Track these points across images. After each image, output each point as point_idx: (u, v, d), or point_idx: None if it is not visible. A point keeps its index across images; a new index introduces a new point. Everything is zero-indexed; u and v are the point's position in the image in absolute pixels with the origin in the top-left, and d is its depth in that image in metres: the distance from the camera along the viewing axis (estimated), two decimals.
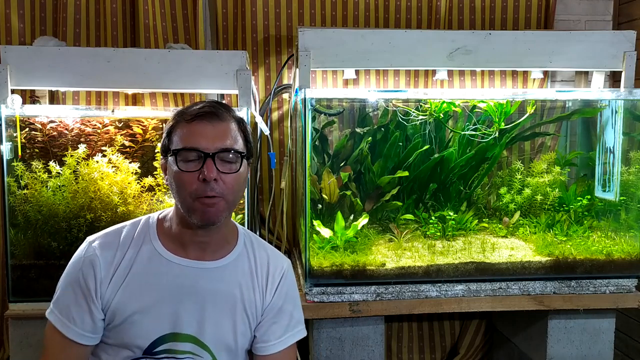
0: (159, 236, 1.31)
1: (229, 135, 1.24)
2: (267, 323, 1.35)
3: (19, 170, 2.05)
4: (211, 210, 1.22)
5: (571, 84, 2.82)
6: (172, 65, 2.08)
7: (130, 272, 1.26)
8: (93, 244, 1.29)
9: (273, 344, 1.34)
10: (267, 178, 2.72)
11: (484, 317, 2.95)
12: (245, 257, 1.36)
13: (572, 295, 2.22)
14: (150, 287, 1.26)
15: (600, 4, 2.93)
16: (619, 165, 2.36)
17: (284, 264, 1.41)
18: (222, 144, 1.22)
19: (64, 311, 1.26)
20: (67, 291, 1.27)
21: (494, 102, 2.38)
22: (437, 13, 2.74)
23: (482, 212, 2.55)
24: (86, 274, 1.25)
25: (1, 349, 2.57)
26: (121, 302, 1.24)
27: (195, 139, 1.21)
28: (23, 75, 2.03)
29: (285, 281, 1.38)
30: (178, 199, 1.24)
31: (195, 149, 1.20)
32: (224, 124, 1.24)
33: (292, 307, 1.39)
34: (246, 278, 1.33)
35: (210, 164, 1.19)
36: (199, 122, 1.22)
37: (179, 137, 1.23)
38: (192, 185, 1.20)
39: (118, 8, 2.56)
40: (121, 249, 1.28)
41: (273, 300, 1.35)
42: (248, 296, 1.32)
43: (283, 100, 2.75)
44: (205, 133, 1.21)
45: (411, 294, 2.18)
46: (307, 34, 2.16)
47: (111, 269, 1.26)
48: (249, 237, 1.41)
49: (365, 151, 2.44)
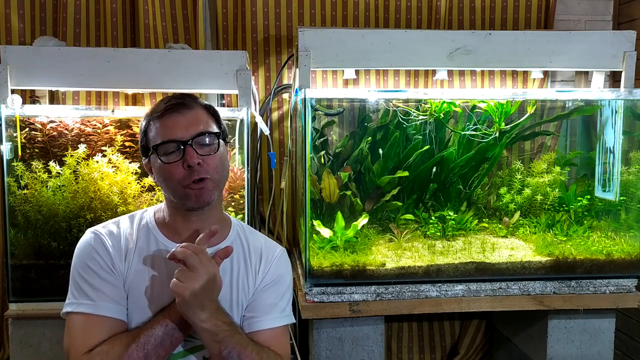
0: (159, 227, 1.34)
1: (200, 121, 1.29)
2: (255, 298, 1.35)
3: (19, 170, 2.05)
4: (203, 192, 1.26)
5: (571, 84, 2.82)
6: (172, 65, 2.08)
7: (134, 262, 1.28)
8: (96, 230, 1.32)
9: (259, 320, 1.34)
10: (267, 178, 2.72)
11: (484, 317, 2.95)
12: (239, 244, 1.38)
13: (572, 295, 2.22)
14: (153, 275, 1.28)
15: (600, 4, 2.93)
16: (619, 165, 2.36)
17: (277, 249, 1.43)
18: (196, 129, 1.27)
19: (86, 296, 1.23)
20: (83, 276, 1.25)
21: (494, 102, 2.38)
22: (437, 13, 2.74)
23: (482, 212, 2.55)
24: (100, 250, 1.27)
25: (1, 349, 2.57)
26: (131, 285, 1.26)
27: (170, 131, 1.26)
28: (23, 75, 2.03)
29: (279, 264, 1.40)
30: (169, 190, 1.28)
31: (172, 140, 1.25)
32: (192, 112, 1.29)
33: (283, 290, 1.40)
34: (240, 263, 1.36)
35: (190, 150, 1.25)
36: (169, 116, 1.27)
37: (154, 133, 1.28)
38: (178, 174, 1.25)
39: (118, 8, 2.56)
40: (126, 239, 1.31)
41: (263, 280, 1.37)
42: (242, 281, 1.34)
43: (283, 100, 2.75)
44: (178, 123, 1.26)
45: (411, 294, 2.18)
46: (307, 34, 2.16)
47: (118, 253, 1.28)
48: (242, 226, 1.44)
49: (365, 151, 2.44)
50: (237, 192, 2.16)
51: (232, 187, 2.16)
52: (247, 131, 2.08)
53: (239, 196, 2.15)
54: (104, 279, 1.25)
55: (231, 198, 2.16)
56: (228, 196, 2.16)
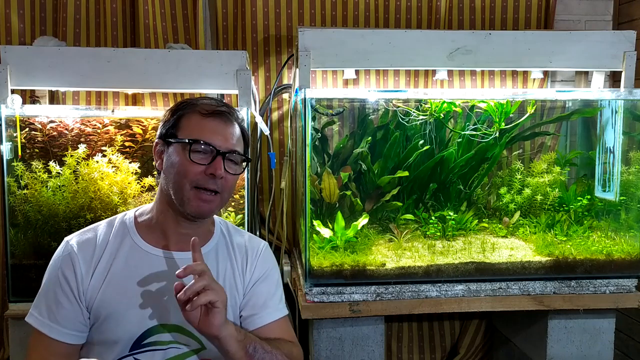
0: (138, 231, 1.32)
1: (237, 138, 1.31)
2: (250, 297, 1.36)
3: (19, 170, 2.05)
4: (206, 205, 1.26)
5: (571, 84, 2.82)
6: (172, 65, 2.09)
7: (112, 269, 1.27)
8: (70, 242, 1.30)
9: (260, 316, 1.35)
10: (267, 178, 2.72)
11: (484, 317, 2.95)
12: (223, 244, 1.39)
13: (572, 295, 2.22)
14: (133, 281, 1.26)
15: (600, 4, 2.93)
16: (618, 165, 2.36)
17: (260, 244, 1.44)
18: (232, 145, 1.29)
19: (46, 312, 1.25)
20: (48, 292, 1.27)
21: (494, 102, 2.38)
22: (437, 13, 2.74)
23: (482, 212, 2.55)
24: (66, 272, 1.26)
25: (1, 349, 2.57)
26: (104, 299, 1.25)
27: (211, 134, 1.26)
28: (23, 75, 2.03)
29: (263, 259, 1.41)
30: (173, 186, 1.26)
31: (210, 144, 1.25)
32: (234, 126, 1.32)
33: (274, 283, 1.42)
34: (225, 263, 1.36)
35: (220, 161, 1.25)
36: (214, 119, 1.28)
37: (191, 127, 1.27)
38: (195, 175, 1.24)
39: (118, 8, 2.56)
40: (100, 246, 1.29)
41: (252, 277, 1.38)
42: (230, 281, 1.34)
43: (283, 100, 2.75)
44: (220, 131, 1.28)
45: (411, 294, 2.18)
46: (307, 34, 2.16)
47: (91, 266, 1.27)
48: (225, 224, 1.44)
49: (365, 151, 2.44)
50: (237, 192, 2.16)
51: None
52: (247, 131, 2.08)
53: (239, 196, 2.15)
54: (64, 305, 1.25)
55: (231, 198, 2.16)
56: None
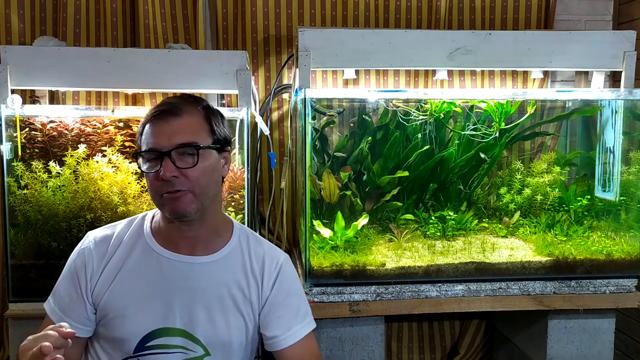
0: (153, 233, 1.33)
1: (186, 130, 1.24)
2: (272, 318, 1.34)
3: (19, 170, 2.05)
4: (177, 203, 1.23)
5: (571, 84, 2.82)
6: (172, 65, 2.08)
7: (123, 268, 1.29)
8: (90, 237, 1.34)
9: (284, 338, 1.33)
10: (267, 178, 2.72)
11: (484, 317, 2.95)
12: (239, 252, 1.35)
13: (572, 295, 2.22)
14: (142, 282, 1.27)
15: (600, 4, 2.93)
16: (619, 165, 2.36)
17: (280, 257, 1.40)
18: (178, 140, 1.22)
19: (59, 302, 1.31)
20: (61, 282, 1.34)
21: (494, 102, 2.38)
22: (437, 13, 2.74)
23: (482, 212, 2.55)
24: (79, 266, 1.30)
25: (1, 349, 2.57)
26: (113, 296, 1.26)
27: (153, 139, 1.24)
28: (23, 75, 2.03)
29: (284, 274, 1.37)
30: (151, 197, 1.28)
31: (152, 149, 1.23)
32: (180, 119, 1.24)
33: (297, 299, 1.38)
34: (239, 273, 1.33)
35: (167, 162, 1.21)
36: (155, 122, 1.25)
37: (143, 138, 1.27)
38: (154, 185, 1.24)
39: (118, 8, 2.56)
40: (114, 244, 1.31)
41: (272, 294, 1.34)
42: (241, 291, 1.32)
43: (283, 100, 2.75)
44: (161, 131, 1.23)
45: (411, 294, 2.18)
46: (307, 34, 2.16)
47: (102, 263, 1.29)
48: (245, 232, 1.41)
49: (365, 151, 2.44)
50: (237, 192, 2.16)
51: (232, 187, 2.16)
52: (247, 131, 2.08)
53: (239, 196, 2.15)
54: (73, 298, 1.29)
55: (231, 198, 2.16)
56: (228, 196, 2.16)
